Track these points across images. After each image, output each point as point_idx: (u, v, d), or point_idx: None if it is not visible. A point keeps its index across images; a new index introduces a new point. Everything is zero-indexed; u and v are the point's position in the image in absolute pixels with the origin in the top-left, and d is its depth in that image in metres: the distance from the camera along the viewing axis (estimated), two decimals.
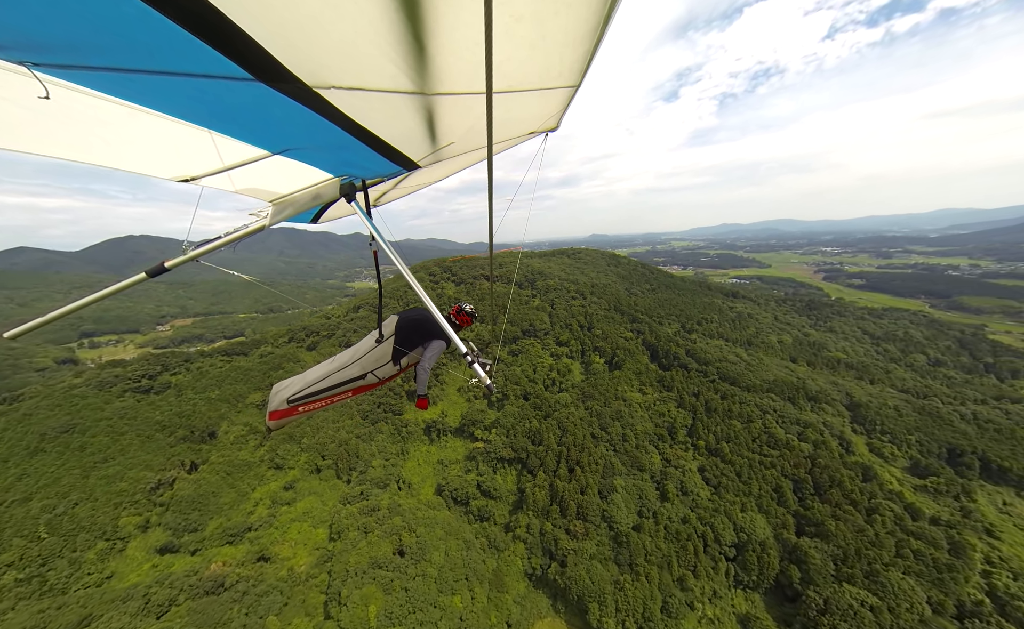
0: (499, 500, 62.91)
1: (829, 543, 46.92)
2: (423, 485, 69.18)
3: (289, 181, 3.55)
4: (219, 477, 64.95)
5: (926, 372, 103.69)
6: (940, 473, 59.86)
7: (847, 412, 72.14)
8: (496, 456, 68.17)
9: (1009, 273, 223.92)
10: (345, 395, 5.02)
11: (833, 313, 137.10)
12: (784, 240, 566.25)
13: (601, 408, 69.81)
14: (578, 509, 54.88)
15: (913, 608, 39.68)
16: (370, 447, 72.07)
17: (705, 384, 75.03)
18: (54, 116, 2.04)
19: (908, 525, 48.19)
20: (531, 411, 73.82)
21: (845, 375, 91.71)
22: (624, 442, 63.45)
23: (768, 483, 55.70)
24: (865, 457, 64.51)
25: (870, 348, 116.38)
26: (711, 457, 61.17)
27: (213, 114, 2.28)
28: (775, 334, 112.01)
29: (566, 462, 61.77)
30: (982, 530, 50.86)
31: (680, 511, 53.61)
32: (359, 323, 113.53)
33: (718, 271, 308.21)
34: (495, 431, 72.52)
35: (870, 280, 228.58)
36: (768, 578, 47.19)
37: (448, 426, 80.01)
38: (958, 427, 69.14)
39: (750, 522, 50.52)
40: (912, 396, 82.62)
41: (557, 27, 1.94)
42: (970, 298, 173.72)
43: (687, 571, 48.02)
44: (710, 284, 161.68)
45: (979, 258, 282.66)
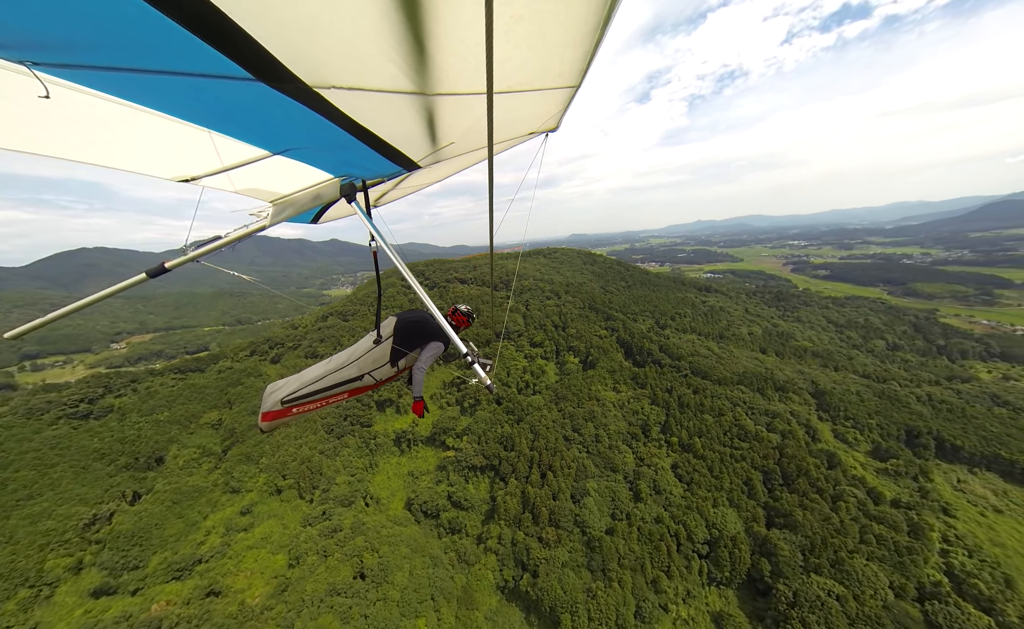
0: (471, 510, 60.48)
1: (797, 534, 46.99)
2: (392, 499, 65.90)
3: (289, 181, 3.51)
4: (164, 507, 59.63)
5: (885, 356, 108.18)
6: (899, 455, 61.63)
7: (813, 400, 73.66)
8: (468, 464, 65.73)
9: (956, 260, 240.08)
10: (341, 396, 4.85)
11: (800, 303, 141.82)
12: (755, 235, 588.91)
13: (574, 409, 68.54)
14: (550, 515, 53.16)
15: (877, 594, 39.92)
16: (335, 463, 68.15)
17: (678, 379, 75.06)
18: (54, 116, 2.03)
19: (871, 510, 48.93)
20: (503, 416, 71.79)
21: (811, 363, 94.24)
22: (597, 443, 62.29)
23: (739, 476, 55.67)
24: (831, 443, 65.80)
25: (834, 336, 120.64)
26: (684, 453, 60.81)
27: (213, 114, 2.26)
28: (746, 326, 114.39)
29: (538, 467, 60.01)
30: (939, 510, 52.35)
31: (653, 511, 52.73)
32: (326, 333, 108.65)
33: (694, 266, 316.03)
34: (466, 438, 70.07)
35: (834, 271, 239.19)
36: (740, 573, 46.78)
37: (419, 435, 76.94)
38: (915, 409, 71.72)
39: (722, 517, 50.13)
40: (873, 380, 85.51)
41: (557, 27, 1.94)
42: (923, 284, 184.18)
43: (661, 572, 47.03)
44: (684, 279, 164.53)
45: (929, 247, 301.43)
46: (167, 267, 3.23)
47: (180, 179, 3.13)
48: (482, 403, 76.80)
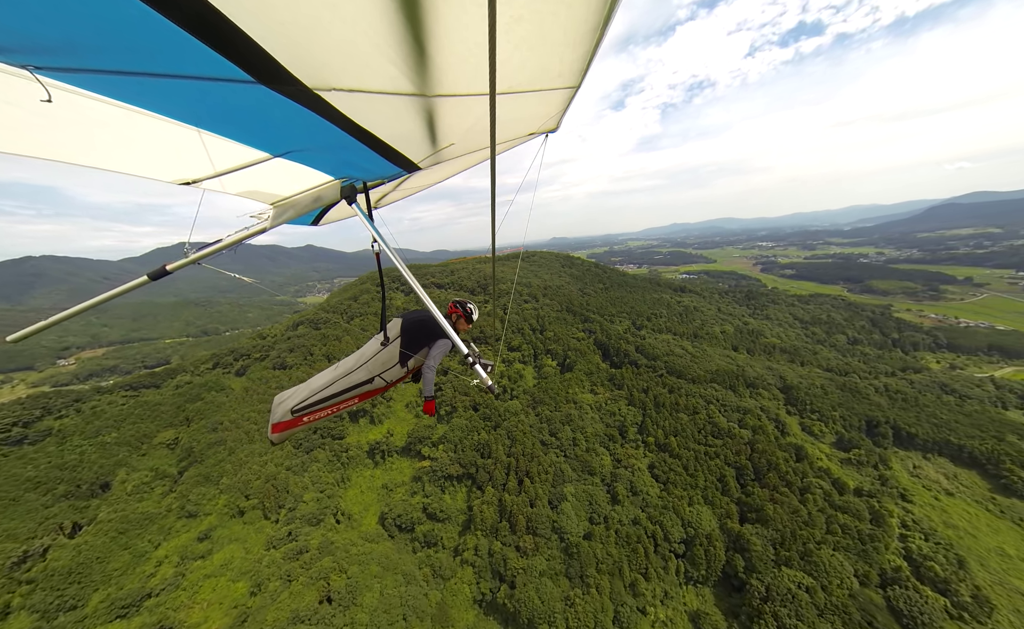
0: (447, 522, 58.53)
1: (769, 528, 47.85)
2: (365, 515, 62.99)
3: (290, 183, 3.51)
4: (108, 538, 54.51)
5: (846, 350, 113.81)
6: (861, 445, 64.33)
7: (781, 395, 76.10)
8: (443, 474, 63.77)
9: (906, 259, 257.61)
10: (352, 401, 4.74)
11: (768, 301, 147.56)
12: (727, 237, 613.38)
13: (551, 413, 67.90)
14: (528, 523, 52.03)
15: (843, 583, 40.97)
16: (302, 479, 64.54)
17: (654, 379, 75.87)
18: (56, 119, 2.03)
19: (836, 500, 50.54)
20: (480, 422, 70.27)
21: (779, 359, 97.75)
22: (574, 446, 61.79)
23: (713, 473, 56.42)
24: (798, 436, 67.99)
25: (800, 332, 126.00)
26: (660, 453, 61.19)
27: (214, 117, 2.27)
28: (718, 325, 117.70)
29: (515, 474, 58.85)
30: (898, 496, 54.77)
31: (631, 513, 52.53)
32: (296, 342, 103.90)
33: (670, 268, 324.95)
34: (442, 447, 68.07)
35: (799, 270, 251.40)
36: (716, 570, 47.12)
37: (394, 446, 74.24)
38: (873, 400, 75.34)
39: (697, 515, 50.48)
40: (836, 374, 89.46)
41: (557, 28, 1.94)
42: (878, 282, 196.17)
43: (638, 575, 46.72)
44: (660, 280, 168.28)
45: (883, 247, 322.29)
46: (168, 270, 3.20)
47: (181, 182, 3.10)
48: (458, 410, 75.05)
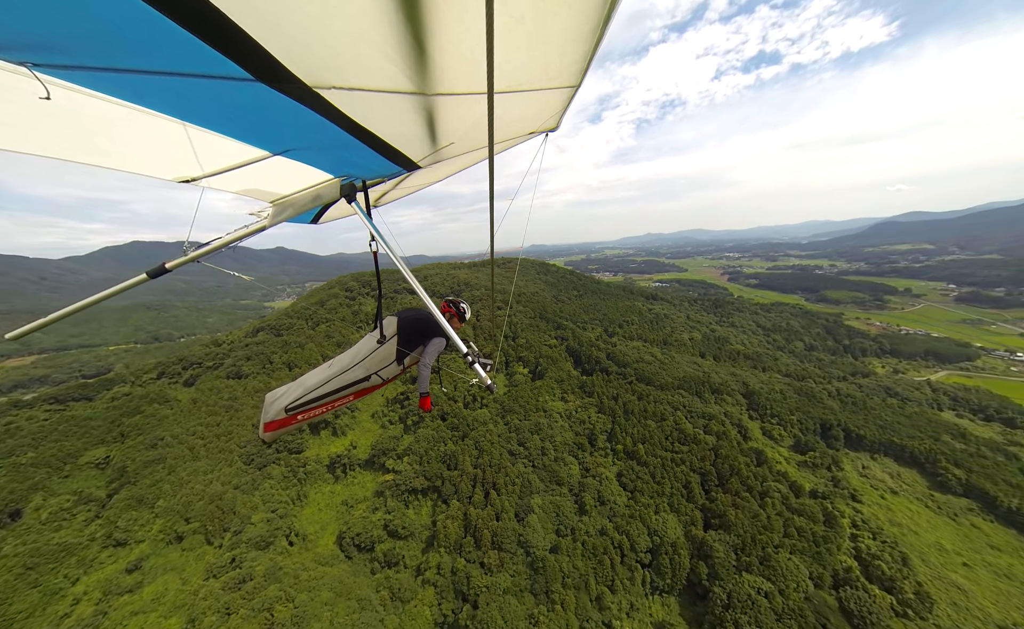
0: (410, 539, 55.60)
1: (731, 533, 48.41)
2: (322, 535, 58.88)
3: (289, 182, 3.52)
4: (13, 575, 47.76)
5: (803, 356, 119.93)
6: (816, 447, 67.08)
7: (744, 400, 78.53)
8: (408, 488, 60.80)
9: (856, 271, 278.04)
10: (347, 399, 4.75)
11: (734, 310, 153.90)
12: (698, 247, 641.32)
13: (520, 422, 66.60)
14: (493, 538, 50.15)
15: (799, 587, 41.79)
16: (252, 498, 59.60)
17: (624, 386, 76.33)
18: (55, 117, 2.03)
19: (792, 503, 52.02)
20: (447, 432, 67.88)
21: (743, 365, 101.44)
22: (543, 456, 60.68)
23: (679, 480, 56.81)
24: (760, 441, 70.13)
25: (762, 339, 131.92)
26: (628, 461, 61.13)
27: (213, 115, 2.27)
28: (687, 332, 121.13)
29: (482, 486, 56.91)
30: (848, 496, 57.18)
31: (598, 523, 51.80)
32: (255, 350, 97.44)
33: (644, 276, 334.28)
34: (407, 459, 65.09)
35: (762, 280, 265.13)
36: (680, 579, 47.00)
37: (356, 459, 70.40)
38: (827, 403, 79.20)
39: (663, 524, 50.41)
40: (793, 379, 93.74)
41: (557, 27, 1.94)
42: (831, 292, 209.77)
43: (604, 587, 45.84)
44: (633, 288, 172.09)
45: (836, 260, 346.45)
46: (168, 267, 3.18)
47: (181, 179, 3.08)
48: (425, 420, 72.28)
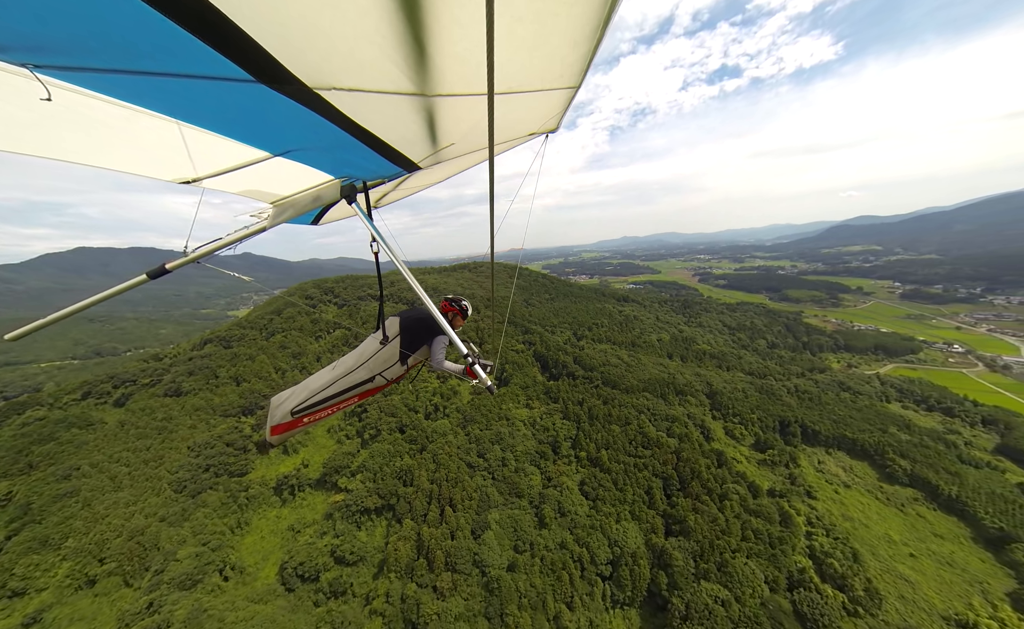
0: (360, 564, 51.53)
1: (690, 539, 47.54)
2: (263, 566, 53.71)
3: (290, 183, 3.54)
4: None
5: (766, 354, 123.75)
6: (775, 445, 68.08)
7: (707, 401, 79.17)
8: (359, 508, 56.64)
9: (813, 271, 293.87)
10: (352, 400, 4.81)
11: (702, 310, 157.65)
12: (671, 250, 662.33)
13: (481, 432, 63.89)
14: (447, 559, 47.04)
15: (755, 592, 41.19)
16: (180, 531, 53.65)
17: (590, 391, 75.18)
18: (56, 118, 2.04)
19: (750, 504, 51.94)
20: (404, 445, 64.19)
21: (708, 365, 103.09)
22: (503, 467, 58.19)
23: (641, 486, 55.74)
24: (722, 440, 70.57)
25: (728, 338, 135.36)
26: (592, 468, 59.60)
27: (214, 116, 2.26)
28: (656, 333, 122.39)
29: (438, 502, 53.70)
30: (804, 493, 57.93)
31: (558, 536, 49.73)
32: (199, 364, 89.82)
33: (619, 278, 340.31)
34: (360, 476, 60.88)
35: (730, 280, 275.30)
36: (641, 590, 45.56)
37: (307, 478, 65.36)
38: (785, 400, 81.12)
39: (623, 533, 48.96)
40: (755, 377, 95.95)
41: (558, 28, 1.95)
42: (792, 291, 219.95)
43: (563, 605, 43.70)
44: (605, 290, 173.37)
45: (796, 261, 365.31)
46: (168, 268, 3.18)
47: (181, 180, 3.09)
48: (383, 433, 68.25)
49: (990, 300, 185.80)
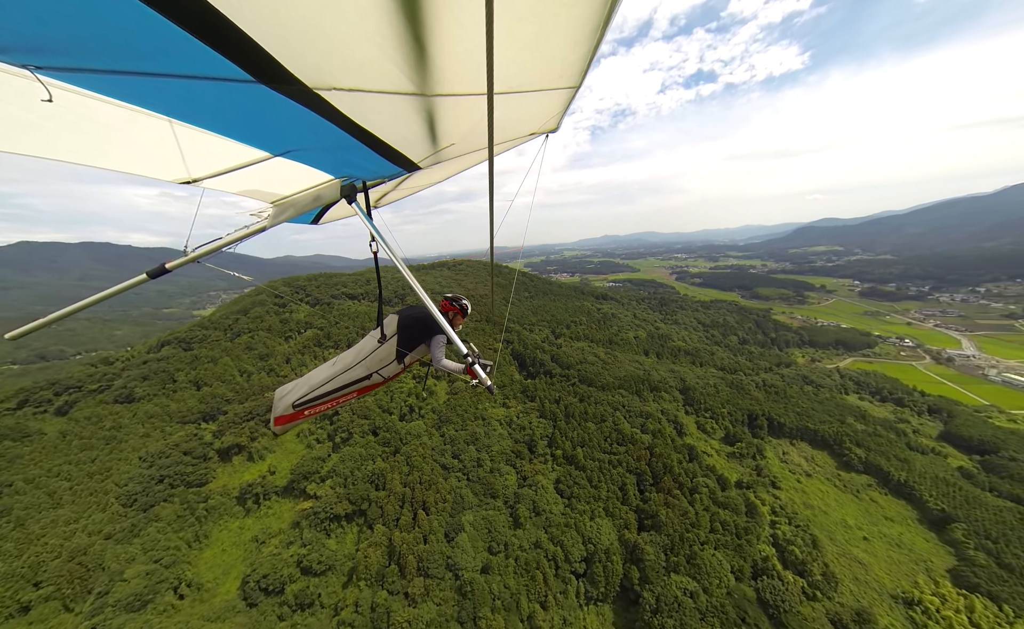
0: (329, 573, 49.55)
1: (661, 533, 48.39)
2: (224, 581, 50.77)
3: (290, 182, 3.57)
4: None
5: (737, 350, 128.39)
6: (743, 438, 70.50)
7: (680, 396, 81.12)
8: (329, 514, 54.50)
9: (782, 270, 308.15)
10: (351, 395, 4.93)
11: (678, 307, 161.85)
12: (650, 249, 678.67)
13: (457, 432, 62.89)
14: (419, 563, 45.91)
15: (722, 582, 42.33)
16: (129, 549, 49.91)
17: (566, 389, 75.45)
18: (57, 119, 2.06)
19: (719, 497, 53.47)
20: (377, 448, 62.32)
21: (683, 361, 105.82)
22: (478, 467, 57.45)
23: (615, 483, 56.32)
24: (694, 435, 72.46)
25: (702, 334, 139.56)
26: (567, 466, 59.74)
27: (214, 116, 2.28)
28: (633, 331, 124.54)
29: (411, 506, 52.39)
30: (769, 484, 60.21)
31: (532, 535, 49.49)
32: (155, 367, 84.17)
33: (600, 276, 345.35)
34: (330, 482, 58.63)
35: (705, 279, 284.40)
36: (614, 586, 45.97)
37: (273, 486, 62.35)
38: (753, 394, 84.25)
39: (597, 530, 49.26)
40: (727, 372, 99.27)
41: (558, 29, 1.96)
42: (762, 289, 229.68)
43: (537, 605, 43.49)
44: (584, 288, 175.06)
45: (767, 260, 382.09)
46: (168, 268, 3.19)
47: (182, 181, 3.12)
48: (354, 435, 66.01)
49: (936, 297, 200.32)
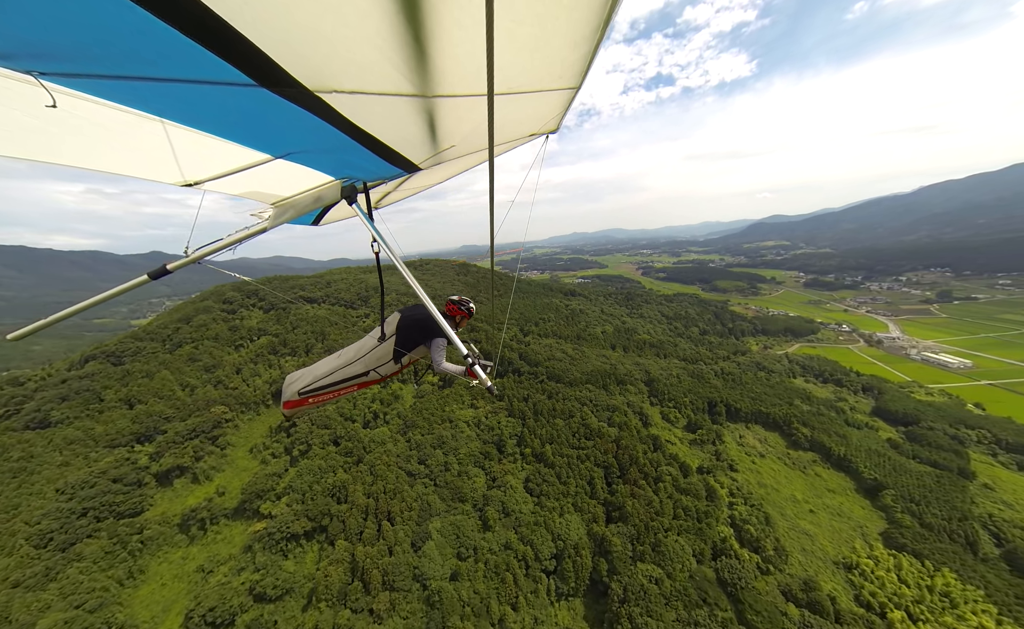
0: (287, 597, 46.24)
1: (628, 524, 49.43)
2: (163, 619, 46.01)
3: (291, 184, 3.61)
4: None
5: (698, 341, 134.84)
6: (703, 425, 73.86)
7: (646, 388, 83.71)
8: (285, 534, 50.90)
9: (738, 264, 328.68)
10: (350, 389, 5.01)
11: (643, 301, 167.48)
12: (617, 245, 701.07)
13: (423, 437, 60.98)
14: (384, 577, 43.87)
15: (684, 566, 43.87)
16: (43, 595, 43.79)
17: (535, 386, 75.47)
18: (61, 124, 2.10)
19: (681, 483, 55.54)
20: (339, 459, 59.09)
21: (648, 354, 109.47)
22: (445, 472, 55.99)
23: (583, 477, 56.92)
24: (659, 425, 74.96)
25: (666, 327, 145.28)
26: (536, 464, 59.64)
27: (216, 119, 2.31)
28: (600, 326, 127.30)
29: (375, 517, 50.05)
30: (728, 467, 63.42)
31: (502, 537, 48.86)
32: (77, 386, 74.86)
33: (569, 273, 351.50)
34: (287, 499, 54.81)
35: (669, 273, 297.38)
36: (584, 580, 46.35)
37: (222, 508, 57.39)
38: (712, 382, 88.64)
39: (566, 526, 49.47)
40: (688, 362, 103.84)
41: (558, 30, 1.98)
42: (720, 282, 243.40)
43: (508, 607, 42.89)
44: (553, 285, 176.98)
45: (724, 254, 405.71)
46: (169, 269, 3.23)
47: (183, 183, 3.16)
48: (314, 447, 62.21)
49: (868, 286, 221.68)
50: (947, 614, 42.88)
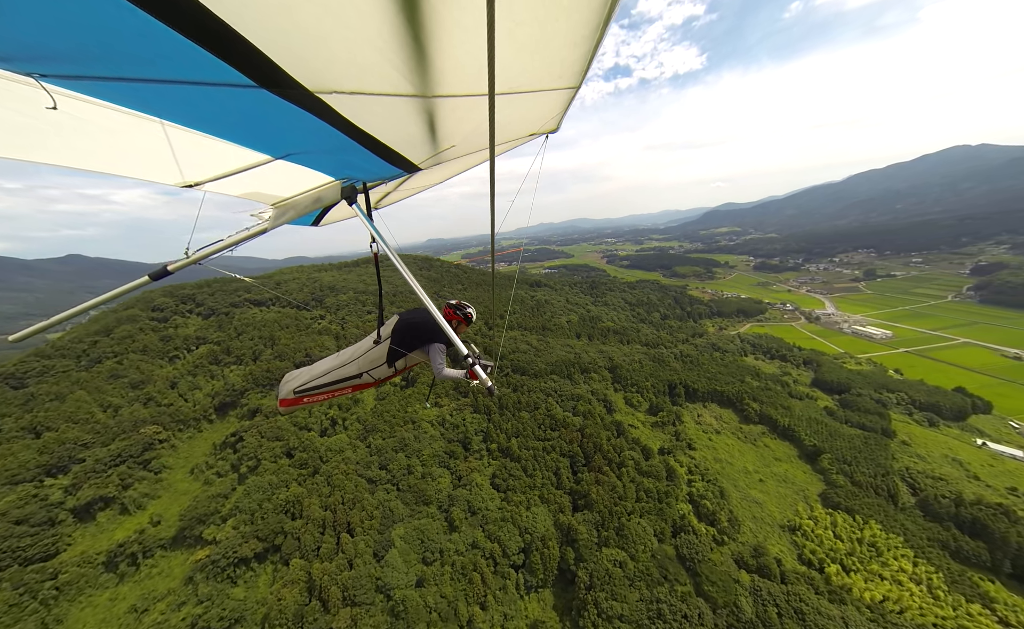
0: (236, 627, 42.55)
1: (593, 511, 50.24)
2: None
3: (291, 184, 3.62)
4: None
5: (659, 325, 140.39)
6: (664, 407, 76.81)
7: (609, 375, 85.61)
8: (232, 559, 46.76)
9: (695, 250, 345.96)
10: (344, 390, 5.00)
11: (607, 289, 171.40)
12: (583, 235, 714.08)
13: (384, 441, 58.34)
14: (344, 593, 41.50)
15: (647, 547, 45.30)
16: None
17: (500, 380, 74.55)
18: (61, 126, 2.12)
19: (643, 466, 57.34)
20: (292, 472, 55.14)
21: (612, 341, 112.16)
22: (408, 475, 53.95)
23: (549, 468, 57.12)
24: (622, 410, 77.01)
25: (629, 314, 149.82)
26: (503, 458, 59.05)
27: (216, 120, 2.32)
28: (565, 315, 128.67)
29: (333, 530, 47.23)
30: (687, 446, 66.41)
31: (469, 536, 47.90)
32: None
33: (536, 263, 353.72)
34: (233, 521, 50.37)
35: (632, 261, 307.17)
36: (552, 571, 46.59)
37: (157, 539, 51.75)
38: (672, 365, 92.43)
39: (533, 519, 49.39)
40: (650, 347, 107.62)
41: (558, 31, 2.01)
42: (680, 267, 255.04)
43: (476, 607, 42.18)
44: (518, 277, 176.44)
45: (683, 241, 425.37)
46: (170, 270, 3.22)
47: (184, 184, 3.19)
48: (264, 462, 57.57)
49: (807, 268, 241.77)
50: (873, 562, 47.68)
